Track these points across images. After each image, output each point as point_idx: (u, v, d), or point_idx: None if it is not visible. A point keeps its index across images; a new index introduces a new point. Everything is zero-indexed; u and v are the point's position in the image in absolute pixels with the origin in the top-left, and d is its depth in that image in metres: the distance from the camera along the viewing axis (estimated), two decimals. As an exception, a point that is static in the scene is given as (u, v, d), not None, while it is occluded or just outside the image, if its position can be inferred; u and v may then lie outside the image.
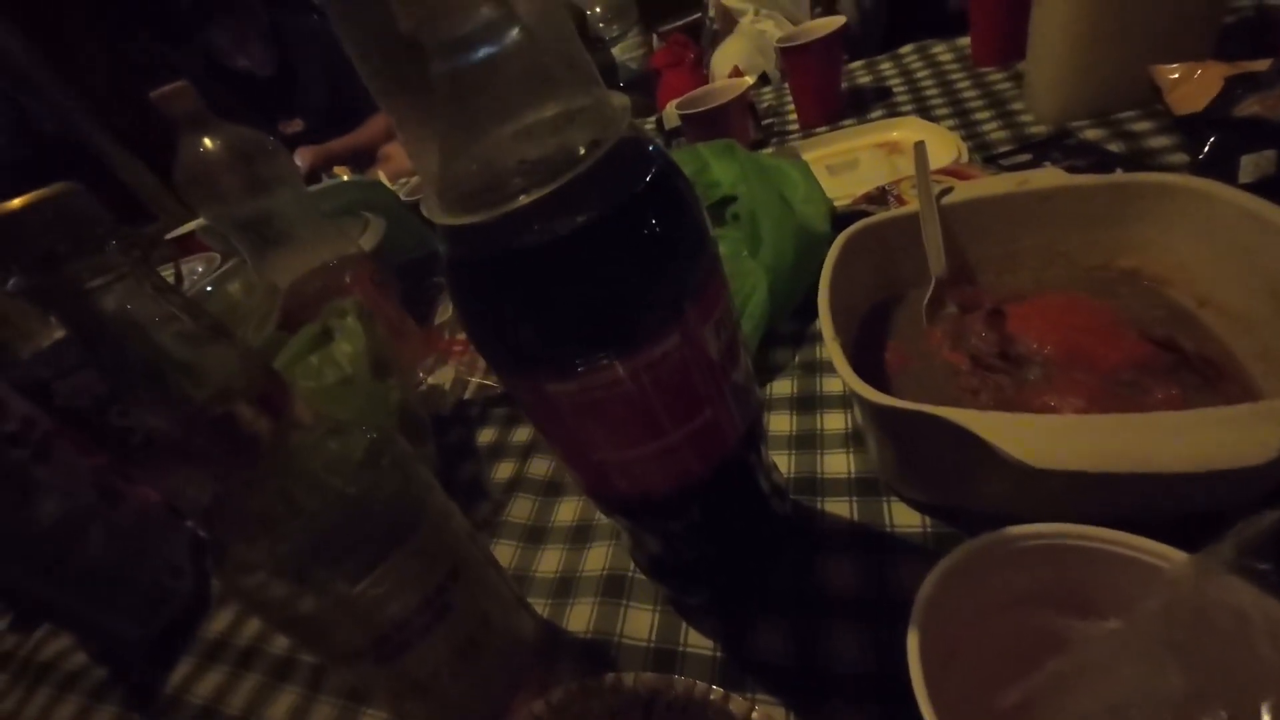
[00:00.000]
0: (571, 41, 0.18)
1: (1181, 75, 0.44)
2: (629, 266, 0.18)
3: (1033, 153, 0.52)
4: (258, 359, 0.21)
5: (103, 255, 0.17)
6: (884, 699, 0.26)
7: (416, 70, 0.16)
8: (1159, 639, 0.14)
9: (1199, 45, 0.49)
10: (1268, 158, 0.39)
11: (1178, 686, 0.13)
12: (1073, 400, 0.30)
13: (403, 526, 0.24)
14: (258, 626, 0.42)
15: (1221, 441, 0.20)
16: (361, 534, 0.23)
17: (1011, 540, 0.19)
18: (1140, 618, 0.14)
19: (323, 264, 0.54)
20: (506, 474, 0.45)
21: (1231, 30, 0.55)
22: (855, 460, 0.36)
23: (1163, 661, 0.14)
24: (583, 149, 0.17)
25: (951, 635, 0.19)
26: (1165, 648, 0.14)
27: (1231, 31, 0.54)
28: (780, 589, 0.31)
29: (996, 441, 0.23)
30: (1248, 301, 0.30)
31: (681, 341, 0.19)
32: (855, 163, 0.65)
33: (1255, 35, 0.53)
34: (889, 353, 0.37)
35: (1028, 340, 0.34)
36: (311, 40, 1.45)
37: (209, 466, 0.20)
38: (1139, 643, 0.14)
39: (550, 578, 0.36)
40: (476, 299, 0.18)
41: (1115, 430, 0.22)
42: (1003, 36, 0.67)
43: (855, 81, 0.82)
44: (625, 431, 0.20)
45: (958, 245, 0.39)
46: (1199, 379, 0.29)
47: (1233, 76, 0.41)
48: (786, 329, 0.47)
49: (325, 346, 0.42)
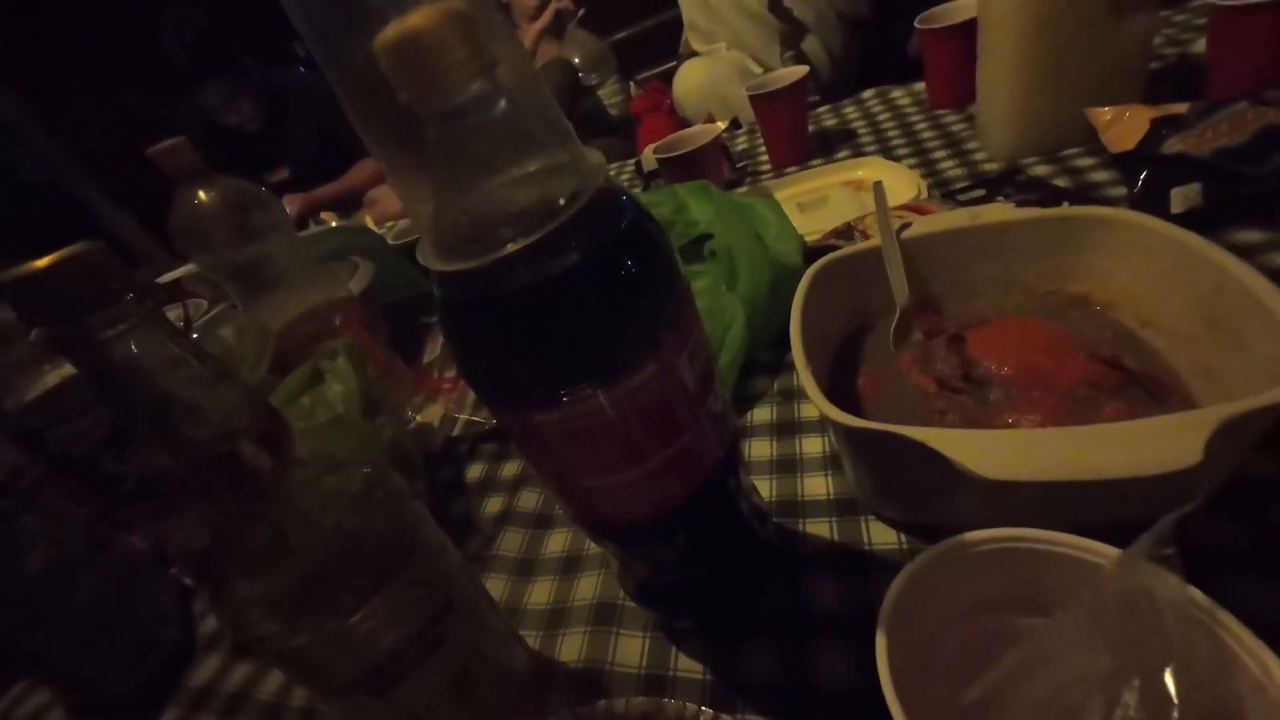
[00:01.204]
0: (549, 105, 0.20)
1: (1114, 117, 0.48)
2: (608, 305, 0.19)
3: (986, 188, 0.55)
4: (260, 399, 0.22)
5: (119, 306, 0.18)
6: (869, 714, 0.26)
7: (413, 133, 0.18)
8: (1091, 626, 0.15)
9: (1129, 89, 0.53)
10: (1194, 190, 0.42)
11: (1105, 665, 0.15)
12: (1031, 417, 0.32)
13: (397, 559, 0.24)
14: (244, 674, 0.41)
15: (1155, 449, 0.21)
16: (358, 567, 0.23)
17: (968, 546, 0.20)
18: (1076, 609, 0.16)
19: (313, 307, 0.56)
20: (496, 508, 0.45)
21: (1158, 75, 0.60)
22: (834, 482, 0.37)
23: (1094, 645, 0.15)
24: (563, 200, 0.19)
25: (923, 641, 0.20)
26: (1096, 633, 0.15)
27: (1158, 76, 0.59)
28: (766, 610, 0.32)
29: (957, 457, 0.24)
30: (1183, 322, 0.32)
31: (659, 371, 0.20)
32: (824, 200, 0.68)
33: (1179, 80, 0.58)
34: (862, 378, 0.39)
35: (988, 363, 0.36)
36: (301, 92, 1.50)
37: (214, 503, 0.20)
38: (1075, 631, 0.15)
39: (542, 609, 0.37)
40: (469, 338, 0.20)
41: (1064, 443, 0.24)
42: (954, 82, 0.71)
43: (822, 124, 0.87)
44: (610, 457, 0.21)
45: (920, 276, 0.42)
46: (1145, 394, 0.31)
47: (1158, 118, 0.45)
48: (765, 359, 0.49)
49: (317, 387, 0.43)
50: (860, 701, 0.27)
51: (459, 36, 0.16)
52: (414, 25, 0.15)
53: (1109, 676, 0.14)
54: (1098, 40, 0.51)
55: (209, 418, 0.20)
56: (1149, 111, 0.47)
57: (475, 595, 0.29)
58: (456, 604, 0.26)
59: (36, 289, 0.17)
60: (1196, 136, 0.43)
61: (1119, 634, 0.15)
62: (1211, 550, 0.27)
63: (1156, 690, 0.14)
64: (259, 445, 0.21)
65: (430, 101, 0.16)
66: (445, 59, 0.16)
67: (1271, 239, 0.41)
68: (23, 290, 0.17)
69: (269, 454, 0.21)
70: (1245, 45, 0.48)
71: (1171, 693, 0.14)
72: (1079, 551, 0.18)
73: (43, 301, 0.17)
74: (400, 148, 0.18)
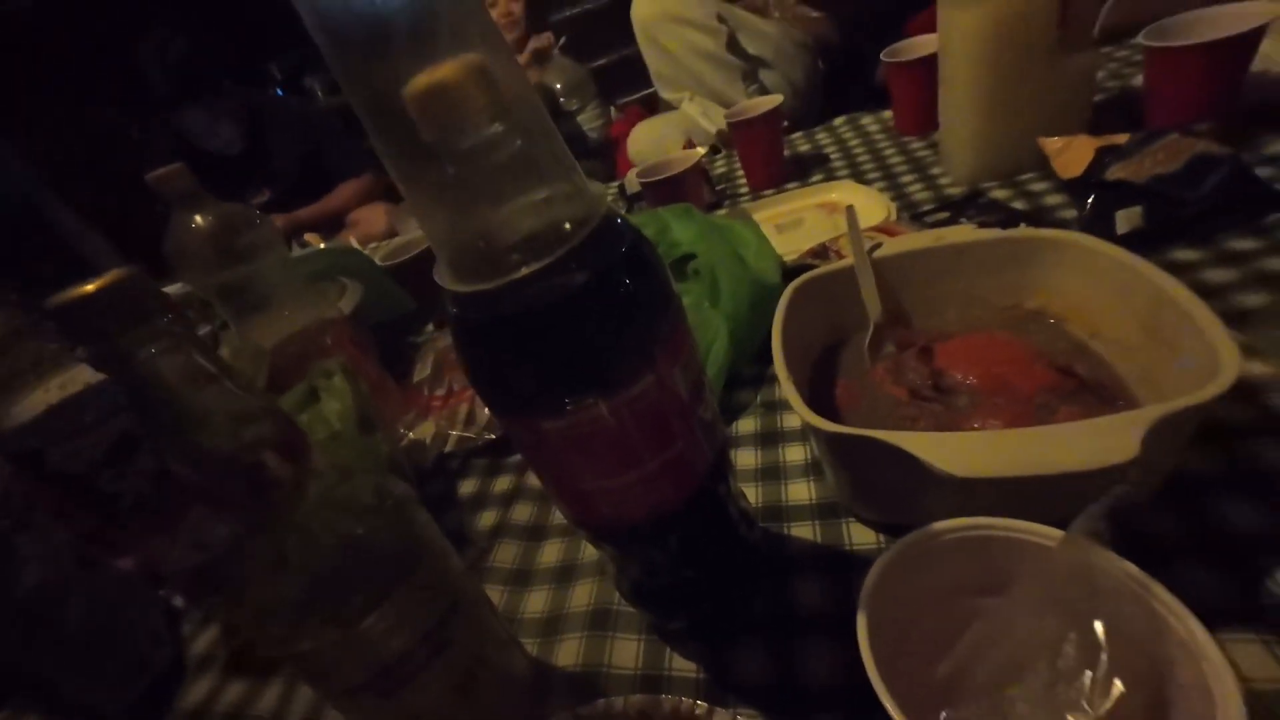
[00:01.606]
0: (555, 139, 0.22)
1: (1062, 146, 0.52)
2: (609, 322, 0.21)
3: (951, 210, 0.59)
4: (281, 412, 0.23)
5: (157, 326, 0.19)
6: (857, 707, 0.28)
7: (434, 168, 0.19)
8: (1040, 596, 0.17)
9: (1076, 120, 0.58)
10: (1136, 212, 0.46)
11: (1052, 626, 0.17)
12: (994, 422, 0.34)
13: (406, 563, 0.26)
14: (236, 694, 0.41)
15: (1098, 446, 0.24)
16: (369, 572, 0.25)
17: (937, 534, 0.22)
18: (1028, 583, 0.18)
19: (304, 327, 0.57)
20: (490, 522, 0.46)
21: (1102, 107, 0.65)
22: (815, 488, 0.39)
23: (1042, 612, 0.17)
24: (569, 226, 0.21)
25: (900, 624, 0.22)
26: (1044, 601, 0.17)
27: (1102, 108, 0.64)
28: (756, 611, 0.33)
29: (927, 457, 0.27)
30: (1126, 333, 0.35)
31: (655, 381, 0.22)
32: (800, 221, 0.72)
33: (1121, 112, 0.63)
34: (839, 389, 0.42)
35: (955, 373, 0.39)
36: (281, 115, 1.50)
37: (238, 511, 0.22)
38: (1026, 602, 0.17)
39: (538, 617, 0.38)
40: (483, 354, 0.22)
41: (1020, 442, 0.26)
42: (919, 110, 0.76)
43: (796, 149, 0.91)
44: (611, 462, 0.23)
45: (891, 292, 0.45)
46: (1096, 399, 0.34)
47: (1102, 147, 0.50)
48: (748, 372, 0.51)
49: (313, 405, 0.44)
50: (846, 694, 0.29)
51: (479, 86, 0.18)
52: (441, 77, 0.17)
53: (1054, 636, 0.17)
54: (1046, 76, 0.56)
55: (237, 429, 0.21)
56: (1093, 141, 0.51)
57: (478, 599, 0.30)
58: (461, 606, 0.27)
59: (82, 312, 0.18)
60: (1136, 164, 0.47)
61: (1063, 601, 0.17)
62: (1158, 540, 0.29)
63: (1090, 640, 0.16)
64: (281, 455, 0.22)
65: (452, 142, 0.18)
66: (466, 106, 0.18)
67: (1206, 257, 0.44)
68: (70, 314, 0.18)
69: (290, 464, 0.22)
70: (1176, 81, 0.53)
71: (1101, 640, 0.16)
72: (1031, 535, 0.21)
73: (88, 323, 0.18)
74: (423, 180, 0.20)
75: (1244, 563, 0.27)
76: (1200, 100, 0.51)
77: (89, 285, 0.18)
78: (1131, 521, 0.30)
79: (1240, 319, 0.39)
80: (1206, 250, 0.45)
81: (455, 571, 0.29)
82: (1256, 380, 0.35)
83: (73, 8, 2.00)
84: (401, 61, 0.18)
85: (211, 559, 0.36)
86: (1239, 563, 0.27)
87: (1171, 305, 0.31)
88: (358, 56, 0.18)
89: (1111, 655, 0.16)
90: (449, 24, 0.18)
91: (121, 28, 1.41)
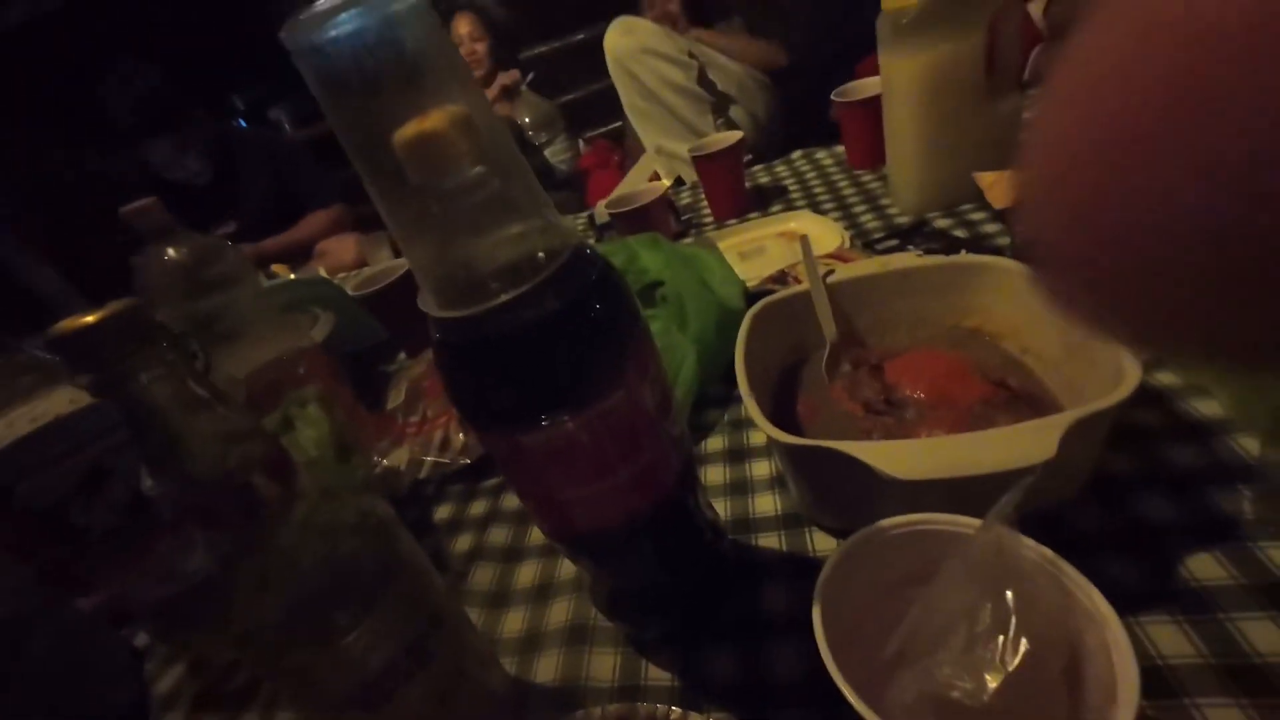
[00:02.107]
0: (529, 178, 0.24)
1: (995, 179, 0.57)
2: (581, 344, 0.23)
3: (899, 238, 0.63)
4: (268, 434, 0.24)
5: (155, 353, 0.20)
6: (822, 703, 0.30)
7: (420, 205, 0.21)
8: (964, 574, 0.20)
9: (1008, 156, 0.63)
10: (1061, 240, 0.51)
11: (972, 600, 0.19)
12: (939, 432, 0.37)
13: (388, 579, 0.27)
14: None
15: (1023, 448, 0.27)
16: (353, 588, 0.25)
17: (883, 530, 0.25)
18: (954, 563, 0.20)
19: (276, 356, 0.57)
20: (466, 546, 0.47)
21: (1030, 144, 0.71)
22: (780, 500, 0.42)
23: (966, 586, 0.19)
24: (543, 256, 0.23)
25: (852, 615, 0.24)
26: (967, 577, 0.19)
27: (1031, 145, 0.70)
28: (726, 618, 0.35)
29: (875, 463, 0.29)
30: (1051, 349, 0.39)
31: (624, 397, 0.24)
32: (763, 249, 0.75)
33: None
34: (801, 405, 0.44)
35: (905, 387, 0.42)
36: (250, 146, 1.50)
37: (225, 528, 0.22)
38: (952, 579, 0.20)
39: (516, 636, 0.39)
40: (465, 374, 0.23)
41: (955, 447, 0.29)
42: (868, 146, 0.82)
43: (757, 181, 0.96)
44: (584, 472, 0.25)
45: (845, 314, 0.48)
46: (1028, 409, 0.37)
47: (1028, 181, 0.54)
48: (716, 393, 0.53)
49: (288, 434, 0.44)
50: (811, 688, 0.30)
51: (461, 134, 0.20)
52: (427, 127, 0.19)
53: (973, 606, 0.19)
54: (978, 117, 0.61)
55: (228, 451, 0.22)
56: (1021, 175, 0.56)
57: (458, 615, 0.31)
58: (443, 620, 0.28)
59: (84, 341, 0.19)
60: (1057, 196, 0.52)
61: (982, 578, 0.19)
62: (1084, 534, 0.32)
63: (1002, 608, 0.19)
64: (269, 476, 0.23)
65: (437, 184, 0.20)
66: (450, 152, 0.20)
67: (1121, 279, 0.49)
68: (72, 343, 0.19)
69: (278, 484, 0.23)
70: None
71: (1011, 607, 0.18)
72: (959, 527, 0.23)
73: (90, 352, 0.19)
74: (410, 217, 0.22)
75: (1159, 552, 0.30)
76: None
77: (90, 315, 0.19)
78: (1060, 519, 0.33)
79: (1151, 334, 0.43)
80: (1122, 273, 0.49)
81: (436, 588, 0.30)
82: (1165, 389, 0.39)
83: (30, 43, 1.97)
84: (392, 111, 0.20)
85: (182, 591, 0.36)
86: (1155, 552, 0.31)
87: (1086, 322, 0.35)
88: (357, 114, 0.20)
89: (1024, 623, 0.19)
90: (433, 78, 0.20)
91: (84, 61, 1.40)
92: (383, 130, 0.20)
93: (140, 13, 2.14)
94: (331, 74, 0.18)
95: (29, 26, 2.06)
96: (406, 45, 0.18)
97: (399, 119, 0.20)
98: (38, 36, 2.08)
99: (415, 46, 0.19)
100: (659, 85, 1.10)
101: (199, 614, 0.27)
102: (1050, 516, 0.33)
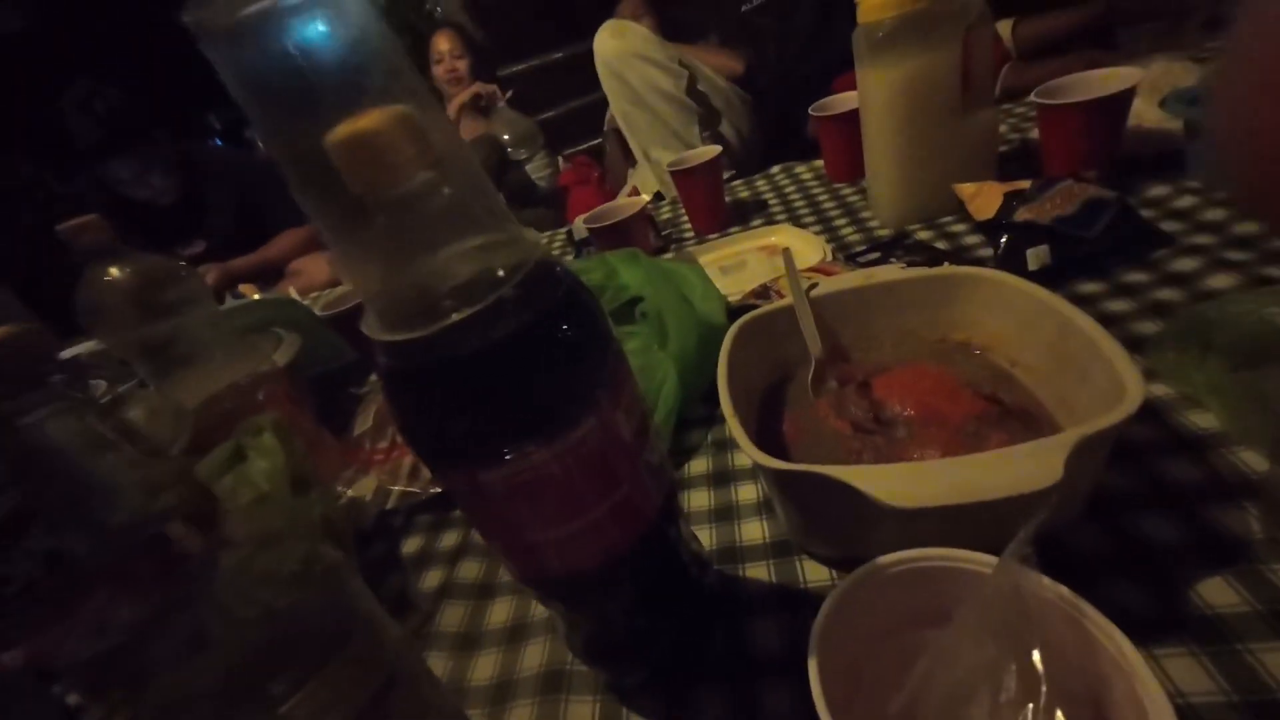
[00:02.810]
0: (487, 188, 0.22)
1: (974, 192, 0.57)
2: (547, 367, 0.21)
3: (881, 251, 0.62)
4: (188, 476, 0.21)
5: (46, 389, 0.18)
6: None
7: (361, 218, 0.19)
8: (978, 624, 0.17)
9: (985, 169, 0.63)
10: (1044, 250, 0.50)
11: (991, 654, 0.17)
12: (931, 451, 0.35)
13: (335, 638, 0.24)
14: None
15: (1025, 471, 0.25)
16: (293, 650, 0.23)
17: (882, 569, 0.22)
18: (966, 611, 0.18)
19: (233, 383, 0.54)
20: (435, 581, 0.44)
21: (1007, 157, 0.71)
22: (769, 526, 0.39)
23: (981, 640, 0.17)
24: (503, 272, 0.21)
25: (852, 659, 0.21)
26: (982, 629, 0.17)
27: (1007, 158, 0.71)
28: (713, 658, 0.32)
29: (867, 489, 0.27)
30: (1041, 361, 0.38)
31: (596, 425, 0.22)
32: (744, 263, 0.74)
33: (1023, 161, 0.69)
34: (786, 424, 0.42)
35: (893, 405, 0.40)
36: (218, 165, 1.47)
37: (140, 589, 0.20)
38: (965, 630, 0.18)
39: (486, 684, 0.35)
40: (413, 404, 0.21)
41: (954, 471, 0.27)
42: (847, 160, 0.81)
43: (737, 196, 0.95)
44: (554, 510, 0.22)
45: (829, 329, 0.46)
46: (1021, 425, 0.36)
47: (1009, 192, 0.54)
48: (698, 413, 0.51)
49: (239, 466, 0.41)
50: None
51: (406, 137, 0.18)
52: (365, 127, 0.17)
53: (995, 665, 0.17)
54: (953, 131, 0.61)
55: (136, 498, 0.19)
56: (1001, 187, 0.55)
57: (417, 673, 0.28)
58: (399, 680, 0.25)
59: (-42, 375, 0.16)
60: (1039, 207, 0.52)
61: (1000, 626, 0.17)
62: (1085, 559, 0.31)
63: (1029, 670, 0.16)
64: (188, 525, 0.20)
65: (379, 192, 0.18)
66: (393, 156, 0.18)
67: (1105, 289, 0.48)
68: (-56, 376, 0.16)
69: (199, 534, 0.21)
70: (1065, 134, 0.58)
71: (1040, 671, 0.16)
72: (969, 564, 0.21)
73: (-36, 387, 0.16)
74: (348, 229, 0.20)
75: (1165, 576, 0.29)
76: (1085, 150, 0.57)
77: (-31, 346, 0.16)
78: (1060, 542, 0.31)
79: (1138, 345, 0.42)
80: (1106, 283, 0.49)
81: (392, 643, 0.27)
82: (1159, 402, 0.38)
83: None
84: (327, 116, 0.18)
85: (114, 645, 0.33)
86: (1161, 576, 0.29)
87: (1078, 334, 0.34)
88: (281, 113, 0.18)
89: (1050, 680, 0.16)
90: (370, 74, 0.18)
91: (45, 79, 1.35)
92: (317, 136, 0.18)
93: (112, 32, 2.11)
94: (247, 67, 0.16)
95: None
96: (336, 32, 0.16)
97: (331, 120, 0.18)
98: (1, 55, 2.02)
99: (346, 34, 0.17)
100: (647, 91, 1.09)
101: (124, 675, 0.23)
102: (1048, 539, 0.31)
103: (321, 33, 0.16)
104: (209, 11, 0.15)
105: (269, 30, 0.15)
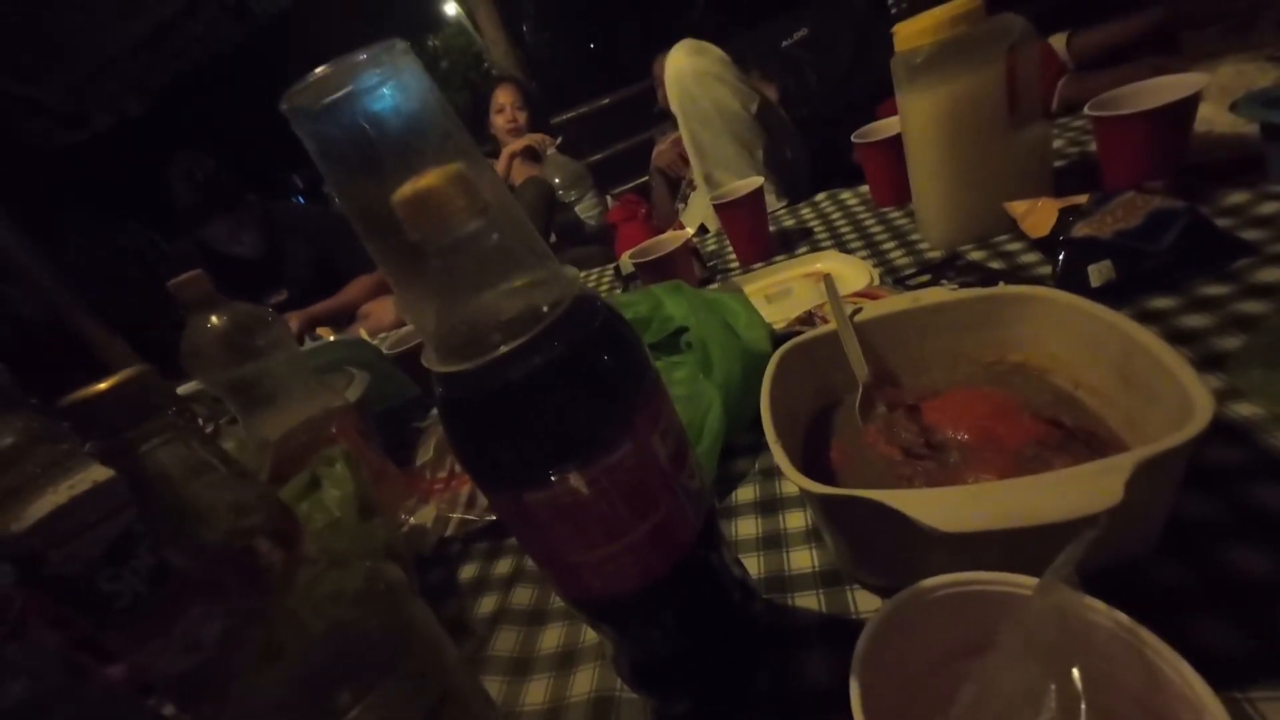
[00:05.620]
0: (530, 232, 0.24)
1: (1027, 209, 0.55)
2: (587, 394, 0.22)
3: (931, 273, 0.61)
4: (274, 498, 0.24)
5: (161, 420, 0.21)
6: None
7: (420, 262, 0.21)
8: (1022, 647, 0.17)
9: (1039, 185, 0.61)
10: (1107, 266, 0.48)
11: (1035, 677, 0.16)
12: (987, 476, 0.34)
13: (395, 652, 0.25)
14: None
15: (1084, 493, 0.24)
16: (356, 662, 0.24)
17: (925, 592, 0.22)
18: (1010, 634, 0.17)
19: (309, 418, 0.58)
20: (490, 607, 0.45)
21: (1064, 172, 0.69)
22: (818, 555, 0.39)
23: (1026, 663, 0.16)
24: (545, 307, 0.22)
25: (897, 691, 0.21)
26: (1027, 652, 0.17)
27: (1064, 173, 0.68)
28: (761, 689, 0.32)
29: (915, 514, 0.27)
30: (1105, 381, 0.36)
31: (634, 448, 0.23)
32: (789, 291, 0.74)
33: (1082, 175, 0.66)
34: (833, 451, 0.42)
35: (945, 429, 0.39)
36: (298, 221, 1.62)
37: (228, 599, 0.22)
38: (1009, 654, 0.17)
39: (538, 709, 0.36)
40: (467, 430, 0.23)
41: (1005, 494, 0.26)
42: (892, 184, 0.81)
43: (781, 224, 0.95)
44: (596, 531, 0.23)
45: (877, 354, 0.46)
46: (1085, 448, 0.34)
47: (1064, 208, 0.52)
48: (745, 440, 0.51)
49: (314, 494, 0.44)
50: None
51: (459, 191, 0.20)
52: (425, 185, 0.19)
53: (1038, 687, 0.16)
54: (1002, 147, 0.60)
55: (229, 516, 0.22)
56: (1056, 203, 0.54)
57: (472, 691, 0.29)
58: (453, 696, 0.27)
59: (91, 409, 0.19)
60: (1098, 221, 0.50)
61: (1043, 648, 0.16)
62: (1167, 592, 0.28)
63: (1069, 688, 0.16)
64: (272, 542, 0.23)
65: (435, 240, 0.20)
66: (448, 208, 0.20)
67: (1179, 304, 0.46)
68: (80, 411, 0.19)
69: (281, 550, 0.23)
70: (1123, 147, 0.56)
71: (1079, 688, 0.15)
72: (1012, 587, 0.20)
73: (97, 419, 0.19)
74: (409, 273, 0.22)
75: (1257, 611, 0.26)
76: (1147, 161, 0.55)
77: (100, 384, 0.19)
78: (1136, 574, 0.29)
79: (1219, 362, 0.39)
80: (1179, 298, 0.46)
81: (449, 661, 0.28)
82: (1245, 422, 0.35)
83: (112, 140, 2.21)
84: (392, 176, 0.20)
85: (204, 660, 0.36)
86: (1255, 612, 0.26)
87: (1143, 352, 0.32)
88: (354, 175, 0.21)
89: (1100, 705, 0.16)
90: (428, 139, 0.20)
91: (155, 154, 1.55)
92: (383, 192, 0.20)
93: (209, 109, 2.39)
94: (328, 140, 0.19)
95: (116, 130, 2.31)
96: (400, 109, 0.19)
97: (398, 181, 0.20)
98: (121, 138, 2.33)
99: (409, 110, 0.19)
100: (718, 112, 1.08)
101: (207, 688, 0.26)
102: (1122, 573, 0.29)
103: (388, 109, 0.18)
104: (302, 99, 0.18)
105: (347, 109, 0.18)
